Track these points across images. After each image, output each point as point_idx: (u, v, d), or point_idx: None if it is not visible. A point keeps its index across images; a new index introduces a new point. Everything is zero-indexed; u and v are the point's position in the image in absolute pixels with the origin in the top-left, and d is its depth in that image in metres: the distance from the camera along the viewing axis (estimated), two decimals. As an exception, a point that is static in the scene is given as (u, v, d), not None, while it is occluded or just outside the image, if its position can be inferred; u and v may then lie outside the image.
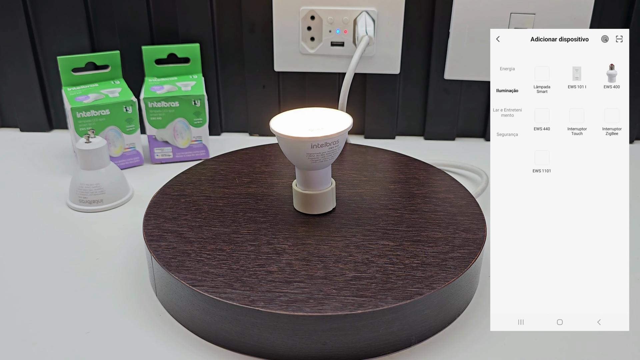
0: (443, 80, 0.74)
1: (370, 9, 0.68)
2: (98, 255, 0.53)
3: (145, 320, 0.45)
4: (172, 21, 0.72)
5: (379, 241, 0.47)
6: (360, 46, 0.66)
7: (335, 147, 0.47)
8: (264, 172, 0.58)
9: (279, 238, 0.47)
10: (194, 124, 0.68)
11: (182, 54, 0.71)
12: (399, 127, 0.78)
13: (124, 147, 0.67)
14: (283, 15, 0.70)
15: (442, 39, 0.71)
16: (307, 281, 0.42)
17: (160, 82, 0.70)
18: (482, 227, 0.48)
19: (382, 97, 0.75)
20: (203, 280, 0.42)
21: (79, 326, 0.44)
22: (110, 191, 0.60)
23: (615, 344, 0.42)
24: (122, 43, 0.73)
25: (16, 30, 0.72)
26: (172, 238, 0.47)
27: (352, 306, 0.39)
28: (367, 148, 0.64)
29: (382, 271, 0.43)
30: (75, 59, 0.67)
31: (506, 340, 0.43)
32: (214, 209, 0.51)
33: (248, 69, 0.75)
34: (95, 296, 0.47)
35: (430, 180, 0.57)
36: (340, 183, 0.56)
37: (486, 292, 0.48)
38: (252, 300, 0.40)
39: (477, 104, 0.76)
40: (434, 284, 0.41)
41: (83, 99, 0.65)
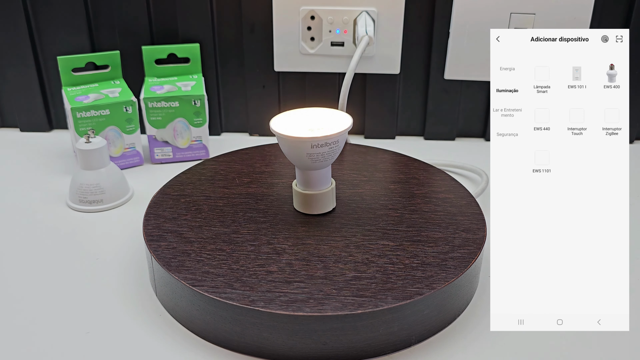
0: (443, 80, 0.74)
1: (370, 9, 0.68)
2: (98, 255, 0.53)
3: (145, 320, 0.45)
4: (172, 21, 0.72)
5: (379, 241, 0.47)
6: (360, 46, 0.66)
7: (335, 147, 0.47)
8: (264, 172, 0.58)
9: (279, 238, 0.47)
10: (194, 124, 0.68)
11: (182, 54, 0.71)
12: (399, 127, 0.78)
13: (124, 147, 0.67)
14: (283, 15, 0.70)
15: (442, 39, 0.71)
16: (307, 281, 0.42)
17: (160, 82, 0.70)
18: (482, 227, 0.48)
19: (382, 97, 0.75)
20: (203, 280, 0.42)
21: (79, 326, 0.44)
22: (110, 191, 0.60)
23: (615, 344, 0.42)
24: (122, 43, 0.73)
25: (16, 30, 0.72)
26: (172, 238, 0.47)
27: (352, 306, 0.39)
28: (367, 148, 0.64)
29: (382, 271, 0.43)
30: (75, 59, 0.67)
31: (506, 340, 0.43)
32: (214, 209, 0.51)
33: (248, 69, 0.75)
34: (95, 296, 0.47)
35: (430, 180, 0.57)
36: (340, 183, 0.56)
37: (486, 292, 0.48)
38: (252, 300, 0.40)
39: (477, 104, 0.76)
40: (434, 284, 0.41)
41: (83, 99, 0.65)
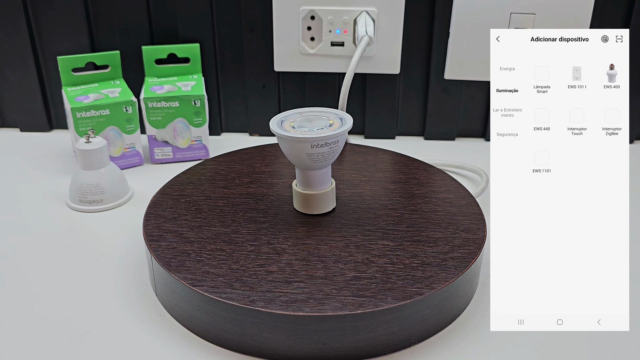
0: (443, 80, 0.74)
1: (370, 9, 0.68)
2: (98, 255, 0.53)
3: (145, 320, 0.45)
4: (172, 21, 0.72)
5: (379, 241, 0.47)
6: (360, 46, 0.66)
7: (335, 147, 0.47)
8: (264, 172, 0.58)
9: (279, 238, 0.47)
10: (194, 124, 0.68)
11: (182, 54, 0.71)
12: (399, 127, 0.78)
13: (124, 147, 0.67)
14: (283, 15, 0.70)
15: (442, 39, 0.71)
16: (307, 281, 0.42)
17: (160, 82, 0.70)
18: (482, 227, 0.48)
19: (382, 97, 0.75)
20: (203, 280, 0.42)
21: (79, 326, 0.44)
22: (110, 191, 0.60)
23: (615, 344, 0.42)
24: (122, 43, 0.73)
25: (16, 30, 0.72)
26: (172, 238, 0.47)
27: (352, 306, 0.39)
28: (367, 148, 0.64)
29: (382, 271, 0.43)
30: (75, 59, 0.67)
31: (506, 340, 0.43)
32: (214, 209, 0.51)
33: (248, 69, 0.75)
34: (95, 296, 0.47)
35: (430, 180, 0.57)
36: (340, 183, 0.56)
37: (486, 292, 0.48)
38: (252, 300, 0.40)
39: (477, 104, 0.76)
40: (434, 284, 0.41)
41: (83, 99, 0.65)
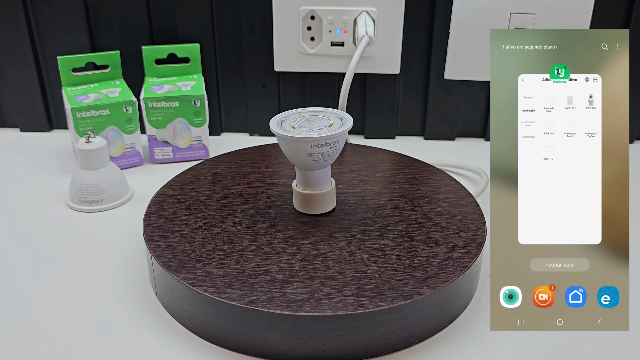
0: (443, 80, 0.74)
1: (370, 9, 0.68)
2: (98, 255, 0.53)
3: (145, 320, 0.45)
4: (172, 21, 0.72)
5: (379, 241, 0.47)
6: (360, 46, 0.66)
7: (335, 147, 0.47)
8: (264, 172, 0.58)
9: (279, 238, 0.47)
10: (194, 124, 0.68)
11: (182, 54, 0.71)
12: (399, 127, 0.78)
13: (124, 147, 0.67)
14: (283, 15, 0.70)
15: (442, 39, 0.71)
16: (307, 281, 0.42)
17: (160, 82, 0.70)
18: (482, 227, 0.48)
19: (382, 97, 0.75)
20: (203, 280, 0.42)
21: (79, 326, 0.44)
22: (110, 191, 0.60)
23: (615, 344, 0.42)
24: (122, 43, 0.73)
25: (16, 30, 0.72)
26: (172, 238, 0.47)
27: (352, 306, 0.39)
28: (367, 148, 0.64)
29: (382, 271, 0.43)
30: (75, 59, 0.67)
31: (506, 340, 0.43)
32: (214, 209, 0.51)
33: (248, 69, 0.75)
34: (95, 296, 0.47)
35: (430, 180, 0.57)
36: (340, 183, 0.56)
37: (486, 292, 0.48)
38: (252, 300, 0.40)
39: (477, 104, 0.76)
40: (434, 284, 0.41)
41: (83, 99, 0.65)
